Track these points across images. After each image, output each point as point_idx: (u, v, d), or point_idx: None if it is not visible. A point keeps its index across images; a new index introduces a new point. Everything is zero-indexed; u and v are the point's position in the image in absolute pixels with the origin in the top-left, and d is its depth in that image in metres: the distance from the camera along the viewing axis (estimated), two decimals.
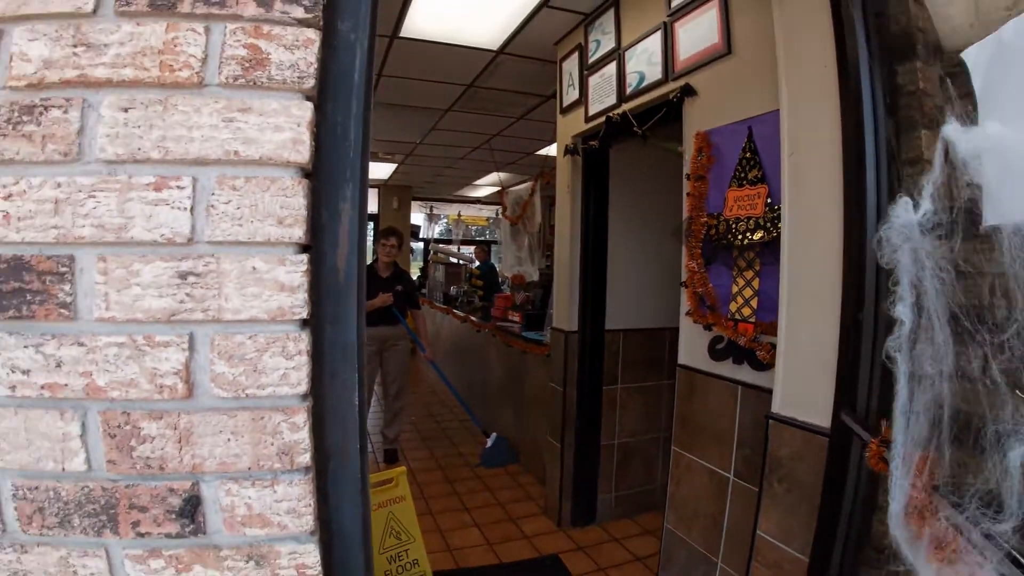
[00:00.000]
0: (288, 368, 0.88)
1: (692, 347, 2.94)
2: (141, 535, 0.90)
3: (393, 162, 9.96)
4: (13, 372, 0.85)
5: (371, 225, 12.99)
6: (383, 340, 5.74)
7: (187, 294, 0.87)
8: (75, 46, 0.86)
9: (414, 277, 12.99)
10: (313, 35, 0.90)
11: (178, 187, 0.87)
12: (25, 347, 0.85)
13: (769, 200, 2.49)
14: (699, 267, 2.76)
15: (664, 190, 4.49)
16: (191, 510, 0.91)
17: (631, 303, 4.47)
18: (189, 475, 0.90)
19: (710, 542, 2.86)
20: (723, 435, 2.77)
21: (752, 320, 2.56)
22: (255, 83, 0.88)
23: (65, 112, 0.85)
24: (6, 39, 0.85)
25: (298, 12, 0.89)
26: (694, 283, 2.80)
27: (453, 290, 9.38)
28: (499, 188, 6.91)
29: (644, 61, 3.47)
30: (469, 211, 15.23)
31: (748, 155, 2.62)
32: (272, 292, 0.88)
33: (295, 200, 0.88)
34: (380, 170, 10.83)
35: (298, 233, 0.88)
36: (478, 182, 11.92)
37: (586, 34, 4.09)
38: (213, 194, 0.88)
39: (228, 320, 0.88)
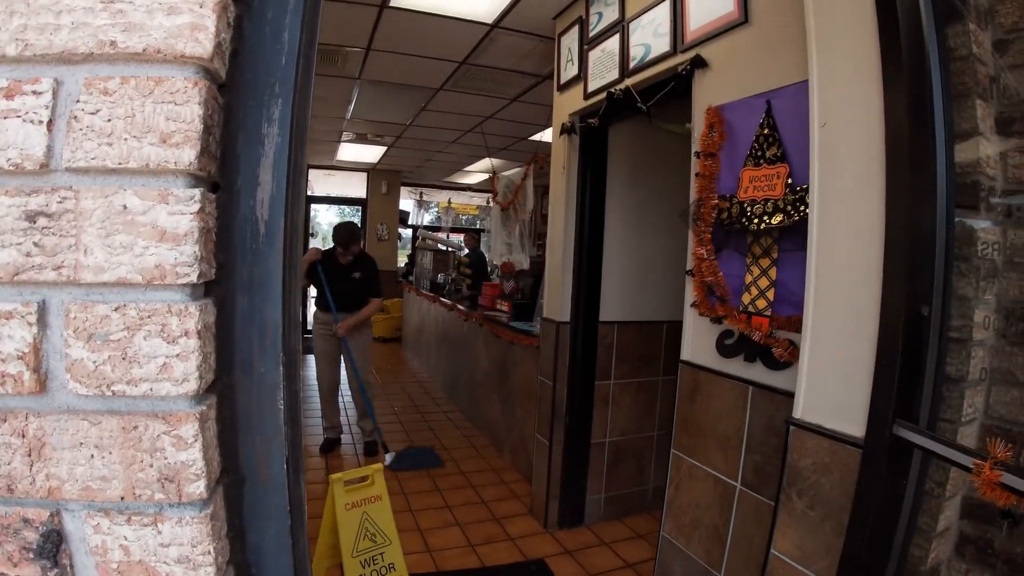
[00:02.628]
0: (170, 356, 0.61)
1: (697, 342, 2.69)
2: None
3: (382, 144, 9.65)
4: None
5: (349, 211, 12.72)
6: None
7: (36, 243, 0.60)
8: None
9: (401, 264, 12.74)
10: None
11: (34, 92, 0.60)
12: None
13: (790, 180, 2.24)
14: (709, 254, 2.50)
15: (666, 174, 4.26)
16: (52, 549, 0.64)
17: (627, 294, 4.22)
18: (46, 502, 0.64)
19: (712, 555, 2.62)
20: (730, 439, 2.52)
21: (768, 314, 2.31)
22: None
23: None
24: None
25: None
26: (702, 272, 2.54)
27: (440, 278, 9.09)
28: (491, 174, 6.61)
29: (650, 33, 3.20)
30: (460, 198, 14.93)
31: (766, 131, 2.36)
32: (149, 242, 0.60)
33: (187, 109, 0.60)
34: (369, 153, 10.53)
35: (189, 156, 0.60)
36: (469, 168, 11.63)
37: (587, 6, 3.81)
38: (78, 101, 0.60)
39: (88, 283, 0.60)
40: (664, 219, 4.28)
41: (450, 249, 10.51)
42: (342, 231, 5.45)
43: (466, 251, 11.02)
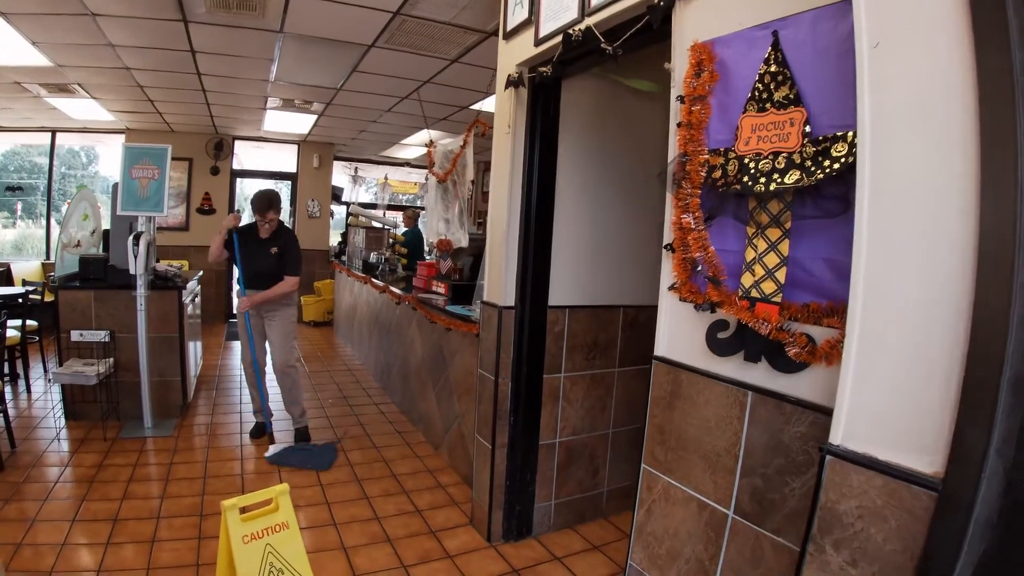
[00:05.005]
0: None
1: (678, 335, 2.17)
2: None
3: (311, 113, 8.89)
4: None
5: (279, 185, 11.95)
6: (259, 307, 5.22)
7: None
8: None
9: (334, 243, 12.02)
10: None
11: None
12: None
13: (808, 128, 1.72)
14: (696, 222, 1.97)
15: (627, 139, 3.76)
16: None
17: (580, 274, 3.68)
18: None
19: None
20: (721, 457, 2.01)
21: (777, 300, 1.79)
22: None
23: None
24: None
25: None
26: (687, 245, 2.01)
27: (373, 257, 8.42)
28: (427, 144, 5.99)
29: None
30: (397, 175, 14.21)
31: (772, 69, 1.83)
32: None
33: None
34: (298, 123, 9.76)
35: None
36: (407, 141, 10.92)
37: None
38: None
39: None
40: (623, 191, 3.76)
41: (384, 226, 9.84)
42: (260, 198, 4.99)
43: (403, 229, 10.41)
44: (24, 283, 8.31)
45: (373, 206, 13.15)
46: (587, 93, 3.53)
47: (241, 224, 5.19)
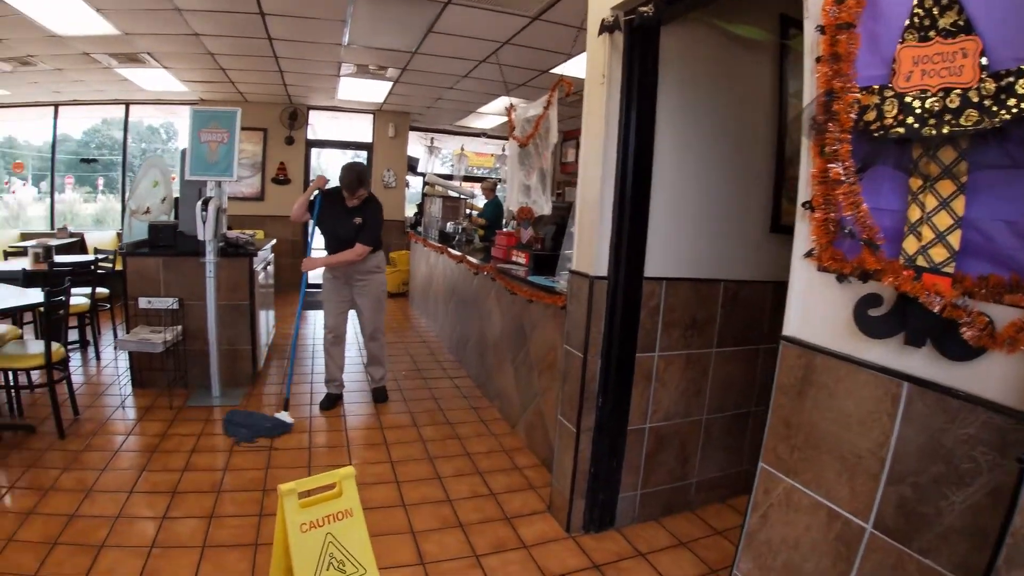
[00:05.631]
0: None
1: (814, 311, 1.81)
2: None
3: (386, 79, 8.68)
4: None
5: (354, 156, 11.84)
6: (348, 274, 5.24)
7: None
8: None
9: (410, 214, 11.88)
10: None
11: None
12: None
13: (984, 61, 1.35)
14: (847, 173, 1.60)
15: (735, 95, 3.37)
16: None
17: (681, 243, 3.33)
18: None
19: None
20: (861, 459, 1.67)
21: (950, 271, 1.43)
22: None
23: None
24: None
25: None
26: (832, 202, 1.65)
27: (450, 227, 8.18)
28: (508, 107, 5.67)
29: None
30: (473, 146, 13.95)
31: None
32: None
33: None
34: (373, 91, 9.58)
35: None
36: (483, 109, 10.63)
37: None
38: None
39: None
40: (728, 152, 3.38)
41: (461, 196, 9.60)
42: (349, 174, 4.86)
43: (482, 201, 10.17)
44: (95, 251, 8.41)
45: (450, 177, 12.94)
46: (688, 41, 3.15)
47: (328, 187, 5.09)
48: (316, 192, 5.06)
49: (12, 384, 4.75)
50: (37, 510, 3.44)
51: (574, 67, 6.88)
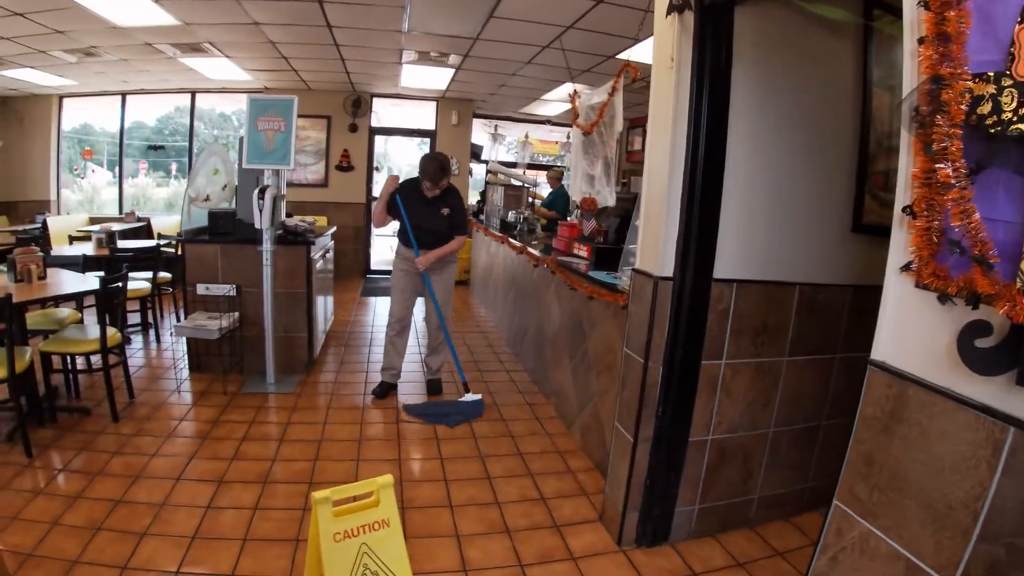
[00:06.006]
0: None
1: (909, 334, 1.57)
2: None
3: (448, 67, 8.53)
4: None
5: (418, 142, 11.75)
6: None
7: None
8: None
9: (473, 202, 11.77)
10: None
11: None
12: None
13: None
14: (957, 175, 1.36)
15: (816, 84, 3.08)
16: None
17: (754, 243, 3.06)
18: None
19: None
20: (952, 510, 1.44)
21: None
22: None
23: None
24: None
25: None
26: (937, 209, 1.41)
27: (511, 216, 7.99)
28: (572, 93, 5.44)
29: None
30: (538, 133, 13.71)
31: None
32: None
33: None
34: (435, 78, 9.44)
35: None
36: (548, 96, 10.37)
37: None
38: None
39: None
40: (806, 145, 3.10)
41: (524, 184, 9.40)
42: (432, 164, 4.86)
43: (547, 189, 9.97)
44: (159, 236, 8.53)
45: (513, 165, 12.75)
46: (764, 22, 2.88)
47: (401, 183, 5.11)
48: (391, 193, 5.02)
49: (69, 368, 4.79)
50: (85, 494, 3.46)
51: (641, 52, 6.58)
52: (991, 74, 1.32)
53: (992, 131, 1.31)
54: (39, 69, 8.53)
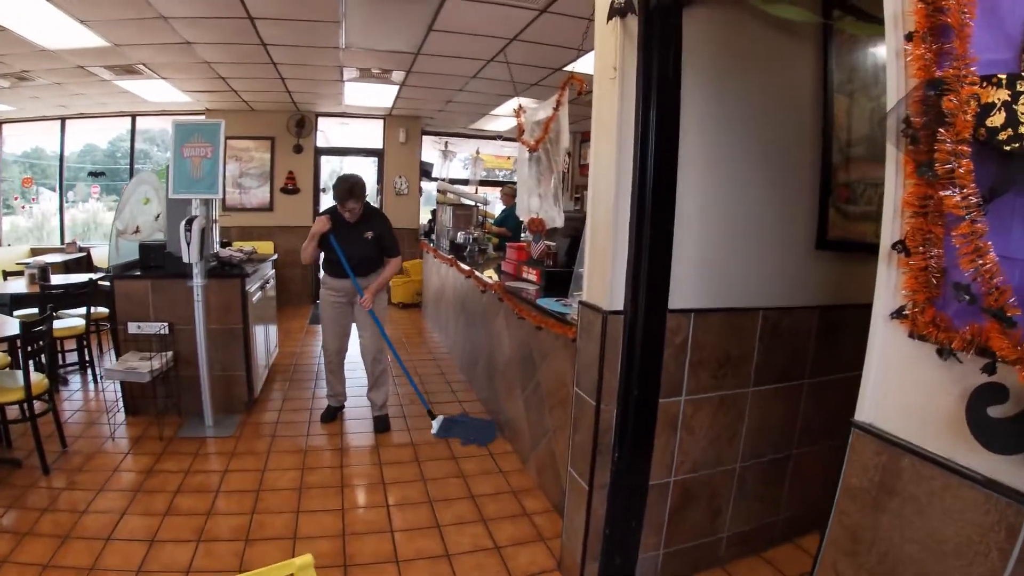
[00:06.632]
0: None
1: (901, 391, 1.30)
2: None
3: (392, 83, 8.22)
4: None
5: (366, 162, 11.43)
6: (352, 293, 4.99)
7: None
8: None
9: (424, 221, 11.46)
10: None
11: None
12: None
13: None
14: (967, 204, 1.09)
15: (773, 91, 2.85)
16: None
17: (712, 268, 2.80)
18: None
19: None
20: None
21: None
22: None
23: None
24: None
25: None
26: (934, 243, 1.15)
27: (460, 237, 7.68)
28: (516, 109, 5.16)
29: None
30: (489, 148, 13.43)
31: None
32: None
33: None
34: (380, 95, 9.12)
35: None
36: (496, 111, 10.10)
37: None
38: None
39: None
40: (764, 159, 2.86)
41: (474, 203, 9.12)
42: (340, 186, 4.67)
43: (501, 207, 9.70)
44: (96, 269, 8.10)
45: (466, 182, 12.45)
46: (716, 26, 2.64)
47: (330, 217, 4.87)
48: (322, 228, 4.82)
49: None
50: (12, 558, 3.15)
51: (586, 64, 6.36)
52: (1002, 77, 1.07)
53: (1007, 148, 1.05)
54: None
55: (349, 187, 4.65)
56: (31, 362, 4.08)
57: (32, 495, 3.83)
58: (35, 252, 9.62)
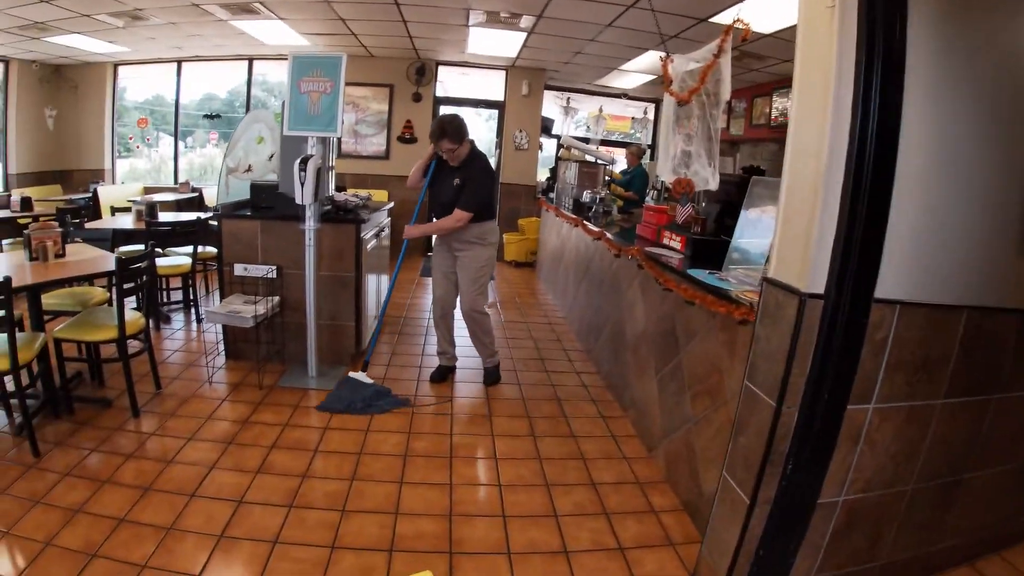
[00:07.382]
0: None
1: None
2: None
3: (520, 30, 7.79)
4: None
5: (486, 114, 11.08)
6: (449, 242, 4.85)
7: None
8: None
9: (542, 179, 11.11)
10: None
11: None
12: None
13: None
14: None
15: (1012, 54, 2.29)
16: None
17: (926, 252, 2.28)
18: None
19: None
20: None
21: None
22: None
23: None
24: None
25: None
26: None
27: (586, 196, 7.22)
28: (663, 58, 4.61)
29: None
30: (612, 107, 12.84)
31: None
32: None
33: None
34: (505, 43, 8.73)
35: None
36: (626, 66, 9.49)
37: None
38: None
39: None
40: (989, 134, 2.30)
41: (601, 162, 8.64)
42: (434, 124, 4.59)
43: (625, 167, 9.22)
44: (207, 209, 8.15)
45: (586, 141, 11.98)
46: None
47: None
48: (430, 155, 4.65)
49: (89, 356, 4.34)
50: (87, 508, 3.01)
51: (730, 16, 5.75)
52: None
53: None
54: (87, 35, 8.20)
55: (439, 124, 4.51)
56: (132, 299, 3.95)
57: (118, 438, 3.74)
58: (148, 191, 9.89)
